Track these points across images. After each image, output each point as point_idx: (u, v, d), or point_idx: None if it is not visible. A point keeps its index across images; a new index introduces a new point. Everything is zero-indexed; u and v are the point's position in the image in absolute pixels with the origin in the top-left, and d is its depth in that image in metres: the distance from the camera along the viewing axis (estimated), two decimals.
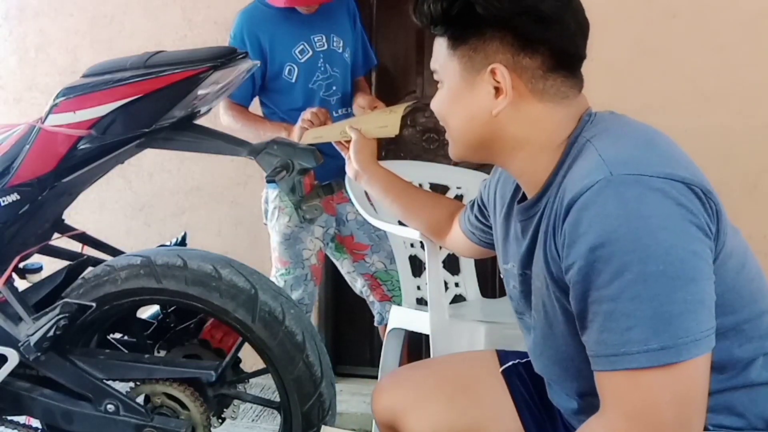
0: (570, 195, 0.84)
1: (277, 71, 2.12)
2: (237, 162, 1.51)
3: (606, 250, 0.80)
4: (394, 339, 2.03)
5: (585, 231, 0.81)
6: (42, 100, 2.84)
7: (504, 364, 1.23)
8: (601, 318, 0.82)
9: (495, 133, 0.95)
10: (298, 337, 1.50)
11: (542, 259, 0.93)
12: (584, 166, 0.87)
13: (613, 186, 0.81)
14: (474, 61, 0.93)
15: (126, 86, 1.39)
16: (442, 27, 0.95)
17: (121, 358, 1.58)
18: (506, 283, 1.13)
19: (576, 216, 0.83)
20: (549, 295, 0.94)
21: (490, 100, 0.93)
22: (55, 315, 1.41)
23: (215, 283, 1.48)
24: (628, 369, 0.79)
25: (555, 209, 0.89)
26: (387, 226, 1.94)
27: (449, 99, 0.98)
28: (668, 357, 0.78)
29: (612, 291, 0.80)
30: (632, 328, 0.79)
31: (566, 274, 0.86)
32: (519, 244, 1.02)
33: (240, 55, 1.45)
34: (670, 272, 0.78)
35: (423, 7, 0.95)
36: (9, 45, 3.00)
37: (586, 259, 0.81)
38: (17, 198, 1.47)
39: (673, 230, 0.80)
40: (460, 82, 0.95)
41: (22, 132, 1.48)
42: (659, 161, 0.84)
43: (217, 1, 2.80)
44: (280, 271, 2.18)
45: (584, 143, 0.91)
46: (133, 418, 1.46)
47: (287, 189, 1.42)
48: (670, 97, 2.42)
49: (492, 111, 0.93)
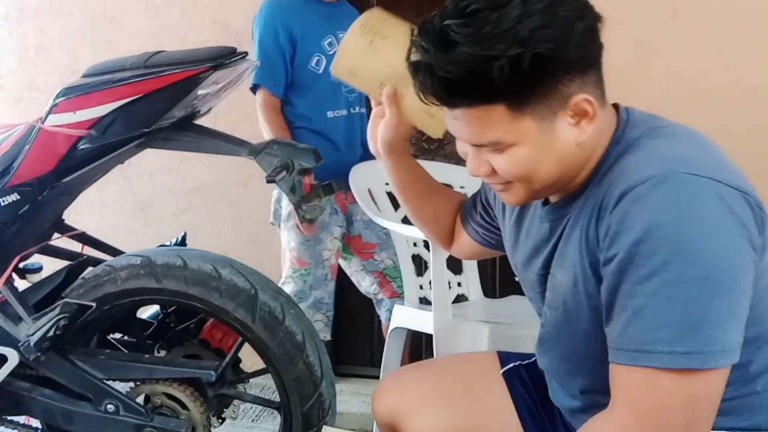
0: (623, 186, 0.83)
1: (304, 60, 2.13)
2: (237, 162, 1.50)
3: (650, 245, 0.79)
4: (396, 338, 2.03)
5: (632, 224, 0.80)
6: (42, 100, 2.83)
7: (505, 366, 1.23)
8: (629, 312, 0.81)
9: (577, 161, 0.91)
10: (298, 337, 1.50)
11: (576, 253, 0.91)
12: (639, 160, 0.85)
13: (670, 183, 0.80)
14: (550, 107, 0.86)
15: (126, 86, 1.39)
16: (499, 96, 0.85)
17: (121, 358, 1.58)
18: (523, 283, 1.12)
19: (626, 207, 0.81)
20: (576, 291, 0.92)
21: (571, 132, 0.88)
22: (55, 315, 1.41)
23: (215, 283, 1.48)
24: (649, 367, 0.79)
25: (599, 201, 0.87)
26: (391, 225, 1.94)
27: (531, 155, 0.89)
28: (691, 362, 0.77)
29: (648, 287, 0.79)
30: (660, 328, 0.78)
31: (604, 264, 0.85)
32: (544, 245, 1.01)
33: (240, 55, 1.45)
34: (710, 279, 0.77)
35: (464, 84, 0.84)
36: (9, 45, 3.00)
37: (627, 252, 0.80)
38: (17, 198, 1.47)
39: (723, 238, 0.79)
40: (539, 133, 0.87)
41: (22, 132, 1.48)
42: (717, 165, 0.83)
43: (217, 1, 2.80)
44: (299, 272, 2.18)
45: (633, 141, 0.89)
46: (133, 418, 1.46)
47: (287, 189, 1.41)
48: (670, 97, 2.42)
49: (578, 141, 0.88)
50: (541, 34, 0.81)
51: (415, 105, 1.00)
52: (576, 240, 0.92)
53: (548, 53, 0.82)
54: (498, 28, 0.81)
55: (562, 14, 0.83)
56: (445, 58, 0.83)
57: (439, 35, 0.84)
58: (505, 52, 0.81)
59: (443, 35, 0.84)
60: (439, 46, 0.84)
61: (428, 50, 0.85)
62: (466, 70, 0.82)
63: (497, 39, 0.81)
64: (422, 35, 0.87)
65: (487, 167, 0.92)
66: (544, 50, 0.82)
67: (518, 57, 0.81)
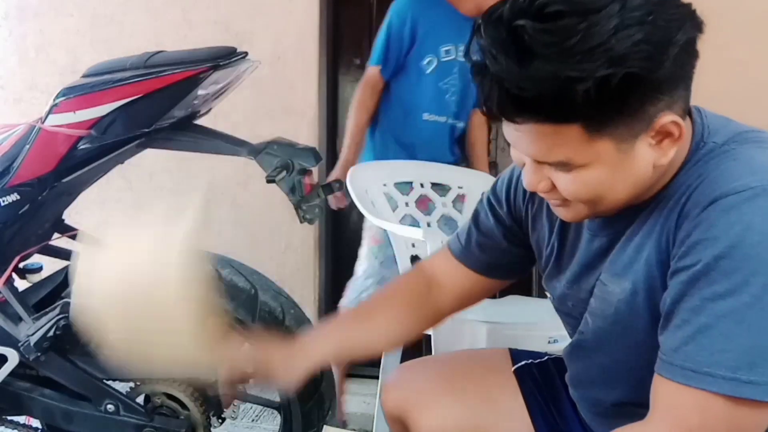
0: (713, 192, 0.76)
1: (417, 57, 2.17)
2: (237, 162, 1.50)
3: (732, 262, 0.73)
4: None
5: (718, 235, 0.74)
6: (42, 100, 2.83)
7: (516, 364, 1.20)
8: (693, 328, 0.75)
9: (654, 177, 0.83)
10: None
11: (641, 261, 0.85)
12: (733, 167, 0.78)
13: (766, 197, 0.74)
14: (633, 128, 0.77)
15: (126, 86, 1.39)
16: (577, 116, 0.75)
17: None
18: (564, 301, 1.03)
19: (714, 216, 0.75)
20: (633, 301, 0.87)
21: (651, 153, 0.79)
22: (55, 315, 1.41)
23: (215, 283, 1.48)
24: (705, 390, 0.74)
25: (679, 206, 0.81)
26: (388, 225, 1.94)
27: (602, 179, 0.80)
28: (752, 393, 0.73)
29: (720, 307, 0.73)
30: (726, 352, 0.73)
31: (673, 273, 0.79)
32: (600, 260, 0.93)
33: (240, 55, 1.45)
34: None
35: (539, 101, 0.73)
36: (9, 45, 3.00)
37: (706, 264, 0.74)
38: (17, 198, 1.47)
39: None
40: (615, 156, 0.78)
41: (22, 132, 1.48)
42: None
43: (217, 1, 2.80)
44: (372, 249, 2.23)
45: (716, 147, 0.83)
46: (133, 418, 1.46)
47: (287, 189, 1.41)
48: None
49: (657, 162, 0.80)
50: (638, 51, 0.71)
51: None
52: (642, 246, 0.85)
53: (642, 72, 0.72)
54: (588, 42, 0.70)
55: (661, 24, 0.73)
56: (520, 73, 0.72)
57: (511, 38, 0.72)
58: (594, 73, 0.70)
59: (517, 40, 0.72)
60: (512, 56, 0.72)
61: (498, 59, 0.73)
62: (545, 90, 0.72)
63: (586, 56, 0.70)
64: (488, 30, 0.74)
65: (547, 183, 0.83)
66: (638, 70, 0.71)
67: (608, 78, 0.70)
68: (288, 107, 2.76)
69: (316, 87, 2.74)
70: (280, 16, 2.75)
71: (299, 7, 2.74)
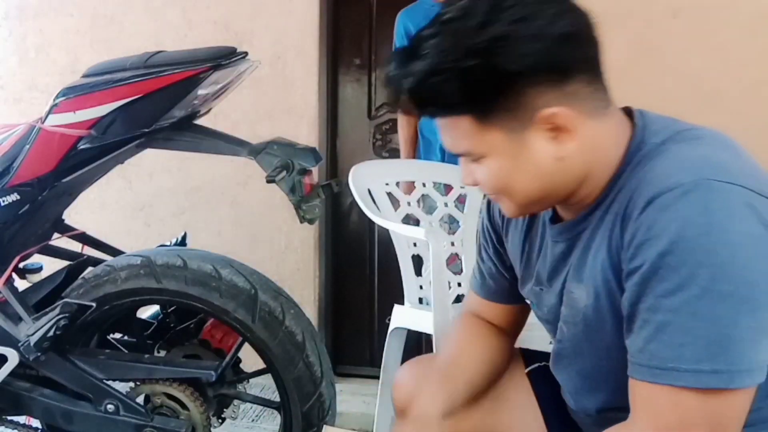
0: (649, 192, 0.78)
1: None
2: (237, 162, 1.50)
3: (676, 257, 0.74)
4: (395, 339, 2.03)
5: (658, 233, 0.76)
6: (42, 100, 2.84)
7: (529, 366, 1.19)
8: (652, 327, 0.77)
9: (564, 176, 0.86)
10: (298, 337, 1.50)
11: (597, 266, 0.87)
12: (667, 166, 0.80)
13: (700, 191, 0.75)
14: (517, 118, 0.82)
15: (126, 86, 1.39)
16: (460, 108, 0.82)
17: (121, 358, 1.58)
18: (538, 308, 1.06)
19: (653, 215, 0.77)
20: (597, 305, 0.88)
21: (550, 146, 0.83)
22: (55, 315, 1.41)
23: (215, 283, 1.48)
24: (673, 385, 0.76)
25: (623, 209, 0.83)
26: (391, 225, 1.93)
27: (502, 169, 0.86)
28: (718, 382, 0.74)
29: (672, 302, 0.75)
30: (686, 345, 0.74)
31: (627, 275, 0.80)
32: (562, 264, 0.96)
33: (240, 55, 1.45)
34: (739, 295, 0.73)
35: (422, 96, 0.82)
36: (9, 45, 3.00)
37: (652, 263, 0.76)
38: (17, 198, 1.47)
39: (753, 252, 0.74)
40: (509, 146, 0.83)
41: (22, 132, 1.48)
42: (748, 172, 0.79)
43: (217, 1, 2.80)
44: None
45: (655, 147, 0.84)
46: (133, 418, 1.46)
47: (287, 189, 1.41)
48: (670, 97, 2.41)
49: (557, 156, 0.84)
50: (500, 45, 0.77)
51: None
52: (597, 252, 0.87)
53: (508, 66, 0.78)
54: (455, 38, 0.78)
55: (531, 21, 0.78)
56: (402, 72, 0.82)
57: (411, 47, 0.82)
58: (457, 65, 0.78)
59: (414, 47, 0.82)
60: (402, 60, 0.82)
61: (394, 61, 0.84)
62: (417, 84, 0.81)
63: (451, 51, 0.78)
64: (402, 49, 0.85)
65: (472, 177, 0.90)
66: (499, 62, 0.78)
67: (468, 70, 0.78)
68: (288, 107, 2.76)
69: (316, 87, 2.74)
70: (280, 16, 2.75)
71: (299, 7, 2.74)
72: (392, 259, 2.09)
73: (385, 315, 2.33)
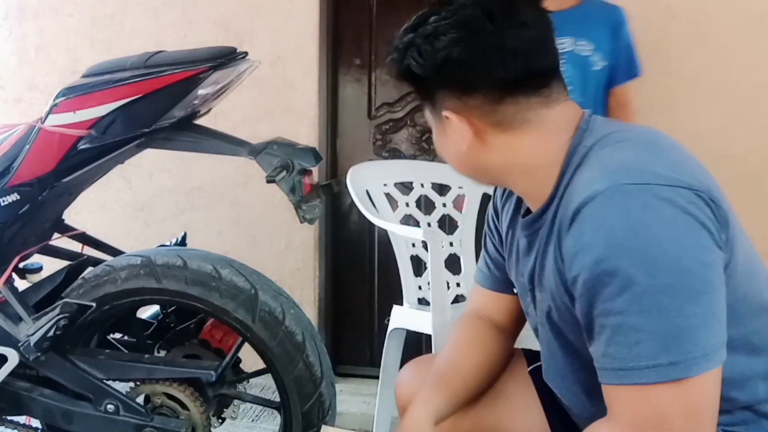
0: (574, 205, 0.83)
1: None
2: (237, 162, 1.50)
3: (611, 262, 0.78)
4: (395, 339, 2.03)
5: (589, 242, 0.80)
6: (42, 100, 2.84)
7: (532, 365, 1.21)
8: (608, 331, 0.80)
9: (479, 164, 0.97)
10: (298, 337, 1.50)
11: (551, 272, 0.91)
12: (587, 176, 0.85)
13: (616, 196, 0.79)
14: (434, 109, 0.97)
15: (126, 86, 1.39)
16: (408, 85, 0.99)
17: (121, 358, 1.58)
18: (522, 299, 1.10)
19: (580, 226, 0.81)
20: (557, 307, 0.92)
21: (459, 139, 0.95)
22: (55, 315, 1.41)
23: (215, 283, 1.48)
24: (637, 384, 0.78)
25: (560, 219, 0.88)
26: (388, 225, 1.93)
27: (436, 141, 1.02)
28: (678, 372, 0.76)
29: (619, 304, 0.78)
30: (641, 343, 0.77)
31: (571, 284, 0.85)
32: (527, 260, 1.01)
33: (240, 55, 1.45)
34: (678, 285, 0.76)
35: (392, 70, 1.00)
36: (9, 45, 3.00)
37: (590, 272, 0.80)
38: (17, 198, 1.47)
39: (681, 240, 0.77)
40: (436, 127, 0.99)
41: (22, 132, 1.48)
42: (665, 167, 0.82)
43: (217, 1, 2.80)
44: None
45: (585, 152, 0.89)
46: (133, 418, 1.46)
47: (287, 189, 1.41)
48: (670, 97, 2.42)
49: (461, 149, 0.95)
50: (410, 51, 0.93)
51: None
52: (550, 259, 0.92)
53: (414, 69, 0.93)
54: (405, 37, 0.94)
55: (436, 40, 0.90)
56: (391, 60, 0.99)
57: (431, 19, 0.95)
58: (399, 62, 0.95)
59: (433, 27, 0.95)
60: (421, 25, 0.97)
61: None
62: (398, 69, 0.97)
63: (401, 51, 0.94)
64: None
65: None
66: (412, 67, 0.93)
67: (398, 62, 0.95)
68: (288, 107, 2.76)
69: (316, 87, 2.74)
70: (280, 16, 2.75)
71: (299, 7, 2.74)
72: (392, 259, 2.09)
73: (385, 315, 2.33)
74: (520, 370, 1.21)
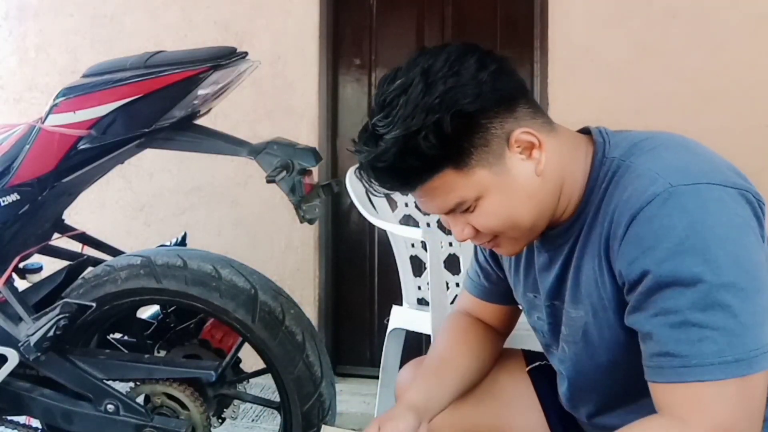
0: (630, 211, 0.83)
1: None
2: (237, 162, 1.50)
3: (675, 262, 0.79)
4: (394, 339, 2.03)
5: (652, 245, 0.81)
6: (42, 100, 2.84)
7: (530, 364, 1.21)
8: (668, 329, 0.80)
9: (548, 190, 0.92)
10: (298, 337, 1.50)
11: (591, 285, 0.91)
12: (637, 182, 0.85)
13: (675, 197, 0.81)
14: (493, 151, 0.88)
15: (126, 86, 1.39)
16: (441, 161, 0.88)
17: (121, 358, 1.58)
18: (529, 315, 1.10)
19: (640, 230, 0.82)
20: (597, 322, 0.93)
21: (526, 165, 0.90)
22: (55, 315, 1.41)
23: (215, 283, 1.48)
24: (701, 381, 0.78)
25: (606, 230, 0.88)
26: (388, 226, 1.93)
27: (501, 203, 0.91)
28: (742, 369, 0.77)
29: (683, 302, 0.79)
30: (704, 340, 0.78)
31: (630, 290, 0.85)
32: (547, 274, 1.01)
33: (240, 55, 1.45)
34: (740, 283, 0.78)
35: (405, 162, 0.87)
36: (9, 45, 3.00)
37: (653, 273, 0.80)
38: (17, 198, 1.46)
39: (737, 240, 0.80)
40: (496, 179, 0.89)
41: (22, 132, 1.48)
42: (709, 167, 0.84)
43: (217, 1, 2.80)
44: None
45: (619, 163, 0.90)
46: (133, 418, 1.46)
47: (287, 189, 1.41)
48: (670, 97, 2.42)
49: (537, 170, 0.90)
50: (450, 96, 0.85)
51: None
52: (589, 273, 0.92)
53: (466, 108, 0.85)
54: (409, 106, 0.85)
55: (463, 72, 0.86)
56: (377, 151, 0.87)
57: (369, 134, 0.89)
58: (424, 123, 0.84)
59: (372, 133, 0.88)
60: (369, 143, 0.88)
61: (361, 150, 0.89)
62: (399, 153, 0.86)
63: (411, 116, 0.85)
64: (357, 141, 0.91)
65: (469, 229, 0.94)
66: (460, 108, 0.85)
67: (438, 122, 0.85)
68: (288, 107, 2.76)
69: (316, 87, 2.75)
70: (280, 16, 2.75)
71: (299, 7, 2.74)
72: (392, 259, 2.09)
73: (385, 315, 2.33)
74: (519, 370, 1.21)
